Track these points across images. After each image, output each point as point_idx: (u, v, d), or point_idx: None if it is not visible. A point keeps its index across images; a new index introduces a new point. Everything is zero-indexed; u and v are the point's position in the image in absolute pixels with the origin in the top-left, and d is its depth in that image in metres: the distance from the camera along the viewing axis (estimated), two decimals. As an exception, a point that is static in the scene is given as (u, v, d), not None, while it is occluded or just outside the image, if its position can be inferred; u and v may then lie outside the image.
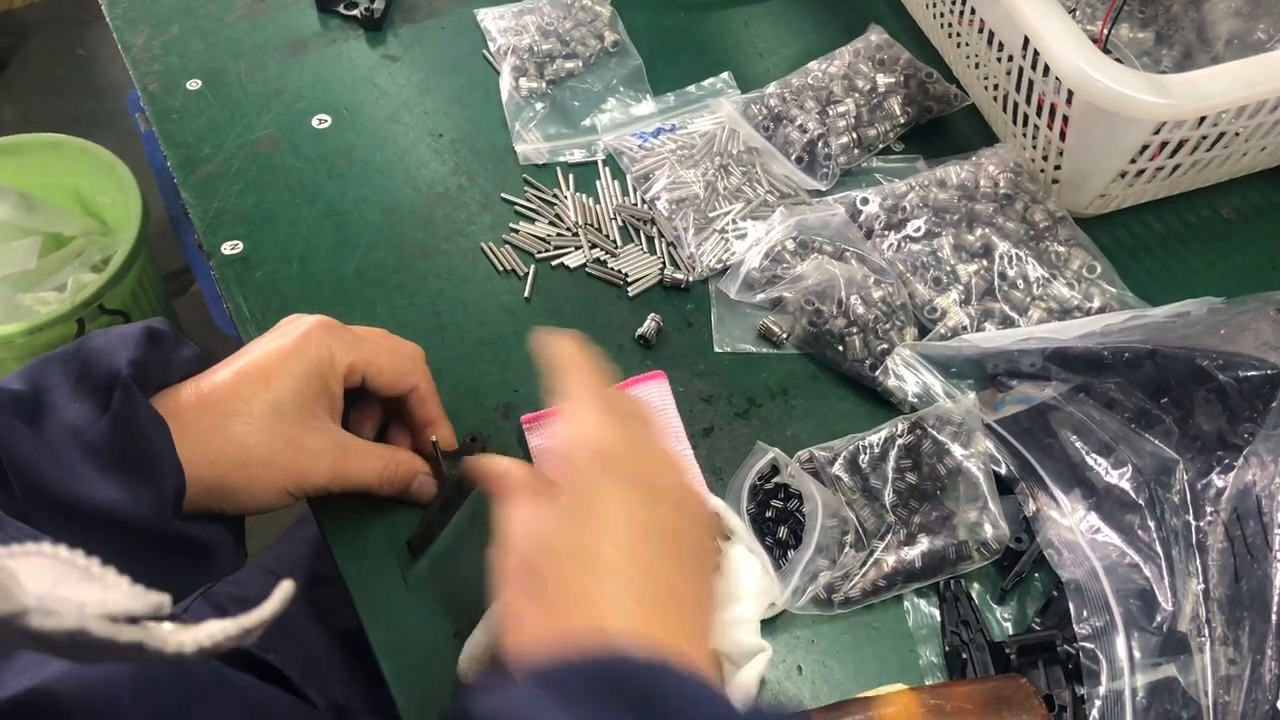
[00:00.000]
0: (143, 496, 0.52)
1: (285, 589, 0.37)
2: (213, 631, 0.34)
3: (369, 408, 0.66)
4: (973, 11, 0.82)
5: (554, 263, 0.78)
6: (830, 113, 0.84)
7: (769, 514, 0.65)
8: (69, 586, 0.31)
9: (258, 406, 0.56)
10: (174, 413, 0.55)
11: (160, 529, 0.54)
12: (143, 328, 0.57)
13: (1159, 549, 0.60)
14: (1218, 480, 0.61)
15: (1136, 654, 0.57)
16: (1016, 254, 0.75)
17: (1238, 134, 0.75)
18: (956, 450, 0.66)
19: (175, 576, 0.59)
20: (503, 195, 0.82)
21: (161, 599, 0.33)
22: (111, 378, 0.53)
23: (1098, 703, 0.56)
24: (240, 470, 0.56)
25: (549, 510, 0.48)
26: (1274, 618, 0.55)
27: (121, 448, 0.53)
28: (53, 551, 0.31)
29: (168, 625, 0.33)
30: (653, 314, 0.75)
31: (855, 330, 0.72)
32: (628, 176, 0.83)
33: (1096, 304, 0.74)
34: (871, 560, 0.63)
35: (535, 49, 0.89)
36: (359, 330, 0.63)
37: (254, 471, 0.56)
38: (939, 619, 0.63)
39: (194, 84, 0.88)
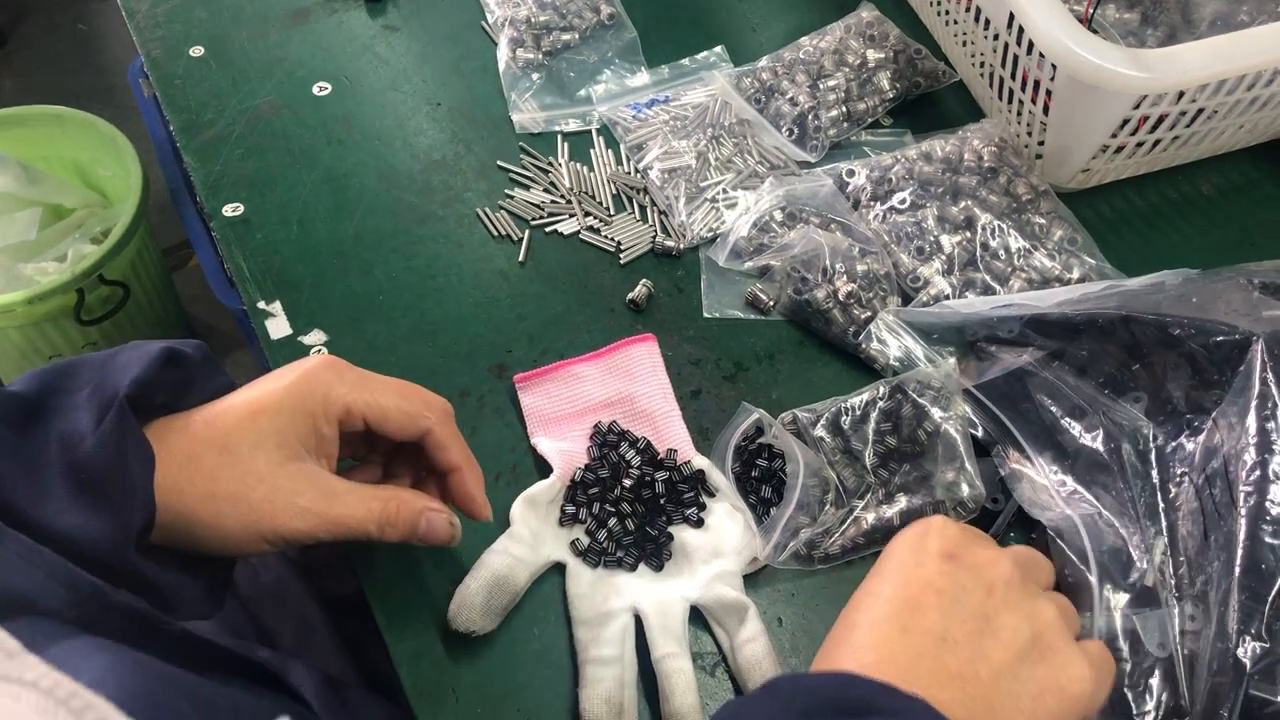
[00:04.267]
0: (104, 528, 0.50)
1: None
2: None
3: (369, 462, 0.64)
4: (961, -11, 0.84)
5: (548, 229, 0.80)
6: (821, 87, 0.86)
7: (753, 473, 0.67)
8: None
9: (234, 440, 0.54)
10: (164, 438, 0.53)
11: (117, 563, 0.50)
12: (164, 347, 0.55)
13: (1130, 508, 0.62)
14: (1187, 443, 0.63)
15: (1112, 606, 0.59)
16: (999, 226, 0.77)
17: (1216, 111, 0.77)
18: (935, 413, 0.68)
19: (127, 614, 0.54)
20: (499, 163, 0.84)
21: None
22: (115, 394, 0.51)
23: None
24: (206, 504, 0.53)
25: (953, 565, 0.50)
26: (1237, 571, 0.57)
27: (97, 471, 0.50)
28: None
29: None
30: (644, 279, 0.76)
31: (839, 298, 0.74)
32: (621, 146, 0.85)
33: (1076, 275, 0.76)
34: (851, 518, 0.65)
35: (532, 21, 0.90)
36: (371, 374, 0.59)
37: (220, 508, 0.53)
38: (916, 575, 0.65)
39: (197, 51, 0.89)
